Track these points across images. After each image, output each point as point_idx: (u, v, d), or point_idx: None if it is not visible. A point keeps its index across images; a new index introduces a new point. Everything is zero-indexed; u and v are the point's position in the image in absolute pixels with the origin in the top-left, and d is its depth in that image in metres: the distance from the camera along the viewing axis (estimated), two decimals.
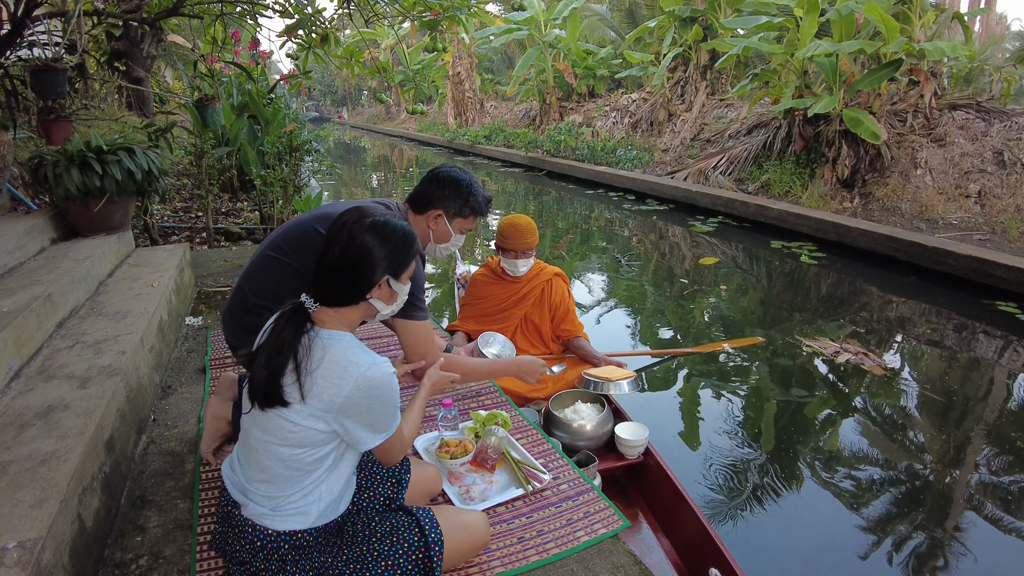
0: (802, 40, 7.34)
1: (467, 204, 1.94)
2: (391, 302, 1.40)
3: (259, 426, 1.28)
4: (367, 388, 1.25)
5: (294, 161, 5.09)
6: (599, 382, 2.53)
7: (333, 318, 1.32)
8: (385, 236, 1.32)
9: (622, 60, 13.48)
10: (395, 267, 1.34)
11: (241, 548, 1.30)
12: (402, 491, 1.58)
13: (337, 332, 1.29)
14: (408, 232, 1.38)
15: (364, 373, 1.24)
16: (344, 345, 1.27)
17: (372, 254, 1.30)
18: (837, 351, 3.92)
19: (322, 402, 1.23)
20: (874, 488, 2.75)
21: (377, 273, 1.31)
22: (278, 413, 1.24)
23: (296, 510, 1.29)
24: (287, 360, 1.23)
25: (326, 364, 1.24)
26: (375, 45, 19.72)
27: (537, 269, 2.91)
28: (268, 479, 1.29)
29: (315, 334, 1.28)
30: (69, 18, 4.13)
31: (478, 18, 6.42)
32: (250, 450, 1.31)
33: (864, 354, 3.87)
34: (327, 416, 1.25)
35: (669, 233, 7.75)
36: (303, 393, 1.23)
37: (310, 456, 1.28)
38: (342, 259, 1.29)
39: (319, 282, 1.31)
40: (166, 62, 11.04)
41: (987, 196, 6.27)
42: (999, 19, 15.99)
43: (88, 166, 3.11)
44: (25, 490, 1.42)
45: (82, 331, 2.35)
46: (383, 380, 1.27)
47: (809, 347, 4.01)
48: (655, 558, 2.13)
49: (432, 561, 1.38)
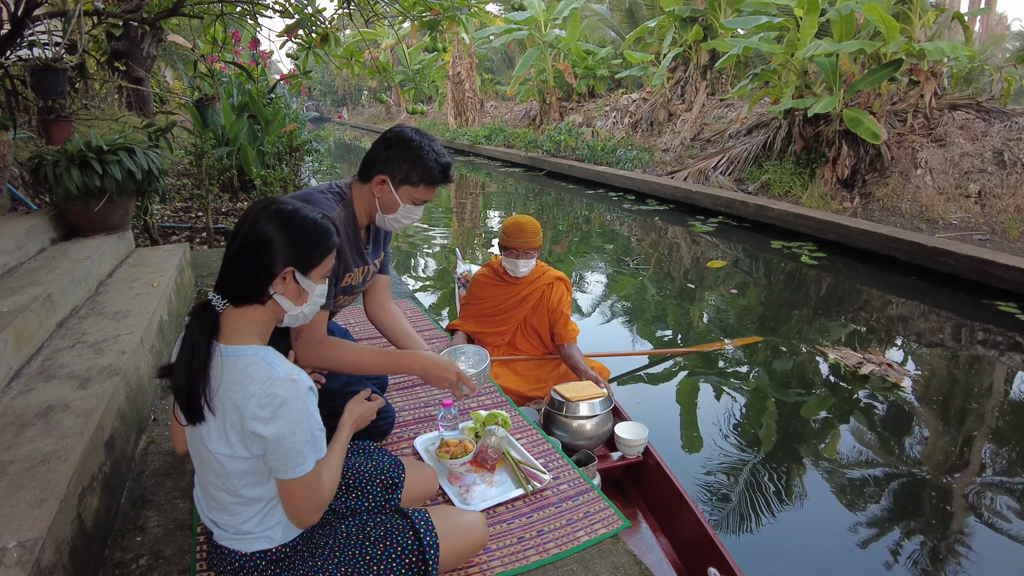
0: (802, 40, 7.34)
1: (415, 169, 1.66)
2: (300, 301, 1.26)
3: (196, 456, 1.22)
4: (269, 404, 1.11)
5: (294, 161, 5.10)
6: (563, 402, 2.40)
7: (240, 323, 1.20)
8: (290, 224, 1.21)
9: (622, 60, 13.49)
10: (300, 259, 1.22)
11: (224, 569, 1.28)
12: (397, 493, 1.57)
13: (239, 347, 1.17)
14: (320, 224, 1.25)
15: (266, 390, 1.11)
16: (245, 360, 1.15)
17: (271, 242, 1.18)
18: (860, 362, 3.78)
19: (231, 424, 1.13)
20: (874, 488, 2.75)
21: (277, 263, 1.19)
22: (203, 442, 1.17)
23: (258, 535, 1.24)
24: (201, 368, 1.13)
25: (226, 384, 1.13)
26: (375, 45, 19.72)
27: (539, 272, 2.91)
28: (220, 507, 1.23)
29: (216, 350, 1.16)
30: (69, 18, 4.13)
31: (478, 18, 6.42)
32: (200, 479, 1.27)
33: (888, 365, 3.76)
34: (242, 440, 1.14)
35: (669, 233, 7.75)
36: (213, 414, 1.14)
37: (246, 484, 1.19)
38: (242, 248, 1.19)
39: (224, 276, 1.20)
40: (166, 62, 11.04)
41: (987, 196, 6.28)
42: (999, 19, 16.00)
43: (88, 166, 3.11)
44: (25, 490, 1.42)
45: (82, 331, 2.35)
46: (286, 395, 1.12)
47: (832, 358, 3.88)
48: (654, 558, 2.13)
49: (427, 564, 1.36)
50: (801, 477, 2.82)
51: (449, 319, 3.46)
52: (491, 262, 3.01)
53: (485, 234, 7.97)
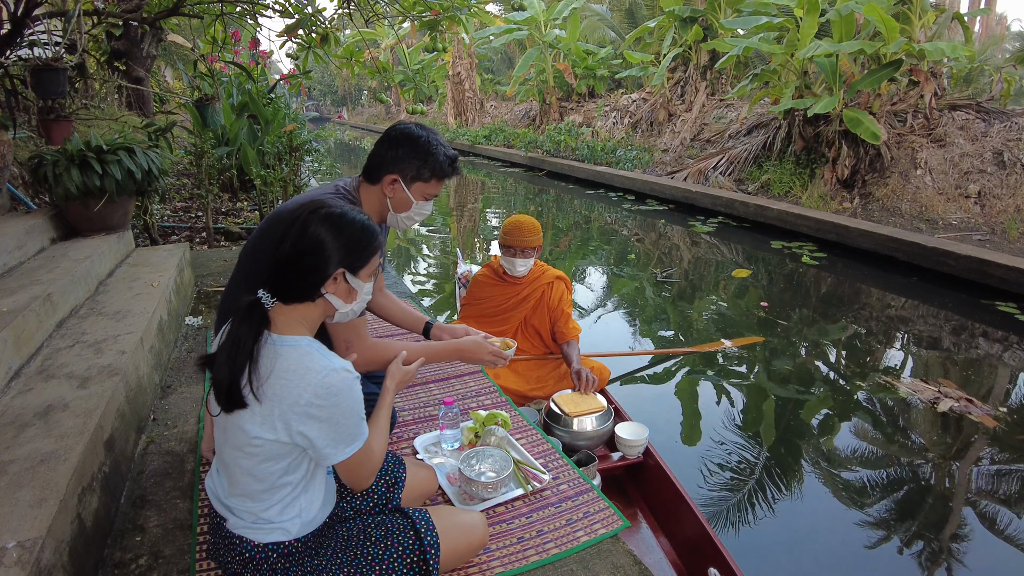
0: (802, 40, 7.34)
1: (426, 165, 1.69)
2: (350, 300, 1.30)
3: (228, 441, 1.24)
4: (326, 395, 1.17)
5: (294, 161, 5.10)
6: (561, 415, 2.38)
7: (290, 317, 1.25)
8: (340, 227, 1.25)
9: (622, 60, 13.49)
10: (351, 261, 1.26)
11: (231, 559, 1.29)
12: (398, 491, 1.57)
13: (293, 337, 1.23)
14: (368, 226, 1.29)
15: (322, 380, 1.17)
16: (300, 351, 1.20)
17: (324, 245, 1.23)
18: (937, 397, 3.38)
19: (280, 412, 1.17)
20: (875, 489, 2.75)
21: (330, 265, 1.24)
22: (240, 425, 1.20)
23: (276, 526, 1.26)
24: (245, 361, 1.17)
25: (279, 372, 1.18)
26: (375, 45, 19.73)
27: (539, 271, 2.91)
28: (244, 494, 1.25)
29: (267, 339, 1.21)
30: (69, 18, 4.13)
31: (478, 18, 6.43)
32: (224, 465, 1.28)
33: (967, 400, 3.34)
34: (287, 428, 1.18)
35: (670, 232, 7.75)
36: (259, 402, 1.17)
37: (278, 470, 1.23)
38: (294, 251, 1.23)
39: (274, 276, 1.25)
40: (166, 62, 11.04)
41: (987, 196, 6.28)
42: (999, 19, 16.01)
43: (88, 166, 3.11)
44: (25, 490, 1.42)
45: (82, 331, 2.35)
46: (342, 386, 1.19)
47: (904, 392, 3.50)
48: (654, 558, 2.13)
49: (428, 564, 1.37)
50: (802, 477, 2.82)
51: (449, 319, 3.46)
52: (491, 262, 3.00)
53: (485, 234, 7.97)
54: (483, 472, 1.84)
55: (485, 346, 1.89)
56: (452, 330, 2.02)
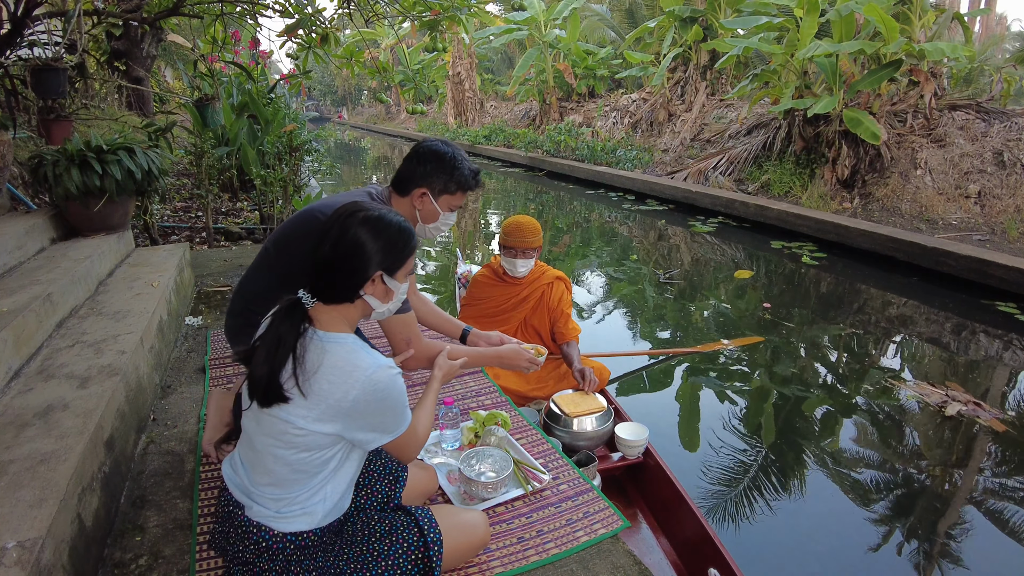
0: (802, 40, 7.34)
1: (452, 179, 1.83)
2: (387, 300, 1.36)
3: (263, 430, 1.27)
4: (373, 391, 1.22)
5: (294, 161, 5.09)
6: (561, 416, 2.38)
7: (332, 316, 1.29)
8: (379, 230, 1.29)
9: (622, 60, 13.49)
10: (389, 262, 1.31)
11: (244, 548, 1.29)
12: (400, 489, 1.57)
13: (339, 335, 1.27)
14: (404, 227, 1.34)
15: (370, 376, 1.22)
16: (347, 348, 1.25)
17: (364, 248, 1.27)
18: (944, 400, 3.34)
19: (327, 406, 1.21)
20: (875, 489, 2.75)
21: (370, 268, 1.28)
22: (281, 417, 1.22)
23: (302, 511, 1.28)
24: (285, 357, 1.21)
25: (327, 368, 1.22)
26: (375, 45, 19.72)
27: (539, 272, 2.91)
28: (274, 482, 1.27)
29: (313, 335, 1.25)
30: (69, 18, 4.13)
31: (478, 18, 6.43)
32: (255, 453, 1.30)
33: (976, 404, 3.31)
34: (333, 421, 1.23)
35: (670, 233, 7.75)
36: (304, 396, 1.21)
37: (317, 459, 1.26)
38: (334, 253, 1.26)
39: (314, 277, 1.28)
40: (166, 62, 11.04)
41: (987, 196, 6.28)
42: (999, 19, 16.01)
43: (88, 166, 3.11)
44: (25, 490, 1.42)
45: (82, 331, 2.35)
46: (389, 382, 1.25)
47: (912, 394, 3.46)
48: (654, 558, 2.13)
49: (431, 561, 1.38)
50: (802, 477, 2.82)
51: None
52: (491, 262, 3.01)
53: (485, 234, 7.97)
54: (483, 472, 1.85)
55: (523, 353, 2.03)
56: (488, 337, 2.14)
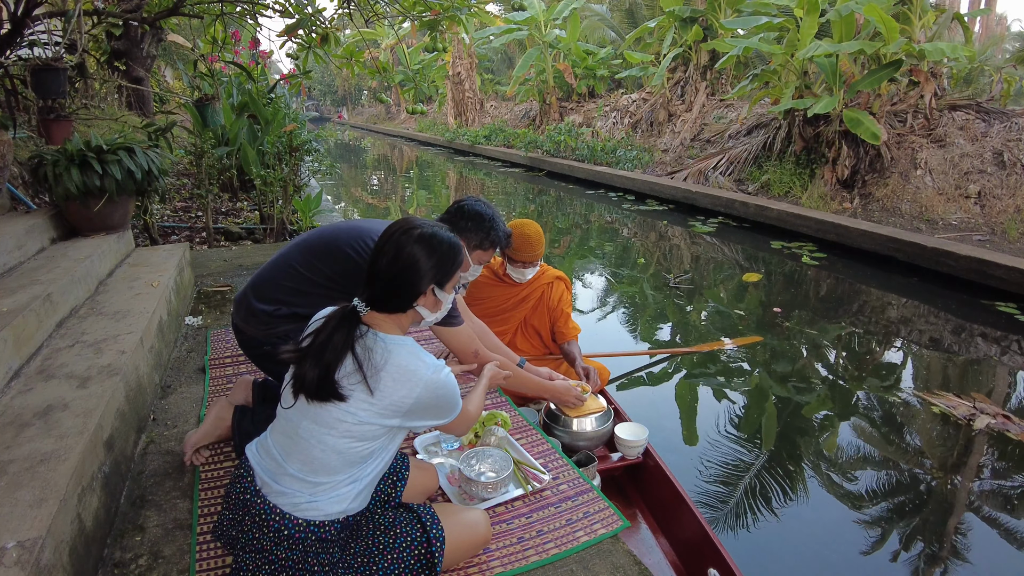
0: (802, 40, 7.34)
1: (487, 238, 2.06)
2: (436, 310, 1.46)
3: (312, 418, 1.33)
4: (434, 390, 1.35)
5: (294, 161, 5.09)
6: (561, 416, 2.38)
7: (387, 322, 1.39)
8: (432, 247, 1.38)
9: (622, 60, 13.49)
10: (440, 277, 1.41)
11: (262, 536, 1.32)
12: (400, 488, 1.59)
13: (399, 337, 1.38)
14: (455, 243, 1.44)
15: (431, 377, 1.34)
16: (408, 350, 1.36)
17: (419, 264, 1.36)
18: (972, 413, 3.22)
19: (391, 402, 1.32)
20: (875, 489, 2.75)
21: (424, 282, 1.38)
22: (339, 408, 1.30)
23: (334, 498, 1.34)
24: (340, 358, 1.30)
25: (392, 367, 1.32)
26: (375, 45, 19.72)
27: (539, 272, 2.90)
28: (314, 469, 1.33)
29: (375, 337, 1.35)
30: (69, 18, 4.13)
31: (478, 18, 6.42)
32: (297, 440, 1.34)
33: (1004, 416, 3.19)
34: (394, 416, 1.33)
35: (669, 233, 7.75)
36: (371, 391, 1.29)
37: (365, 448, 1.35)
38: (390, 268, 1.36)
39: (369, 288, 1.38)
40: (166, 62, 11.04)
41: (987, 197, 6.28)
42: (999, 20, 16.01)
43: (88, 166, 3.11)
44: (24, 490, 1.42)
45: (82, 331, 2.35)
46: (446, 381, 1.38)
47: (939, 408, 3.30)
48: (654, 558, 2.13)
49: (434, 556, 1.40)
50: (801, 478, 2.82)
51: None
52: (491, 263, 3.00)
53: None
54: (483, 472, 1.85)
55: (572, 390, 2.31)
56: (538, 372, 2.33)
